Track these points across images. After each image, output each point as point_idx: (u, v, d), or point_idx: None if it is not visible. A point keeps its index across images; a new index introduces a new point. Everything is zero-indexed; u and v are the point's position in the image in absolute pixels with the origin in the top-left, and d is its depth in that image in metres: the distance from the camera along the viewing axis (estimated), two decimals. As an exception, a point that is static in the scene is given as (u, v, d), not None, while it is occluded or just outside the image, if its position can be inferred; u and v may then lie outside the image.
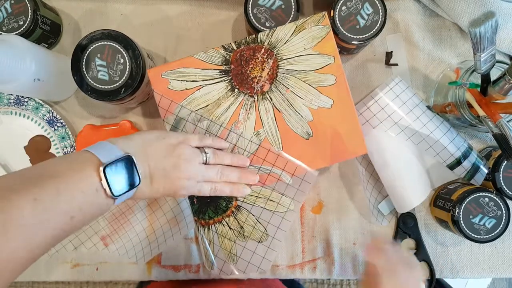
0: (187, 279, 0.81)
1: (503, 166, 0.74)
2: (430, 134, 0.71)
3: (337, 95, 0.65)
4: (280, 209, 0.71)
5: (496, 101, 0.68)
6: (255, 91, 0.66)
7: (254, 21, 0.71)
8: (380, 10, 0.70)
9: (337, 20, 0.70)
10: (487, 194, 0.72)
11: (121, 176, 0.55)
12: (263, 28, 0.70)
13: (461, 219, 0.72)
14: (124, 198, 0.57)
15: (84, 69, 0.68)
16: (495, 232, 0.72)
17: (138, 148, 0.59)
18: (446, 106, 0.75)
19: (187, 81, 0.66)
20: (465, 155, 0.72)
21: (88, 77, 0.68)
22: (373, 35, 0.70)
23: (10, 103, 0.78)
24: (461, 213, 0.72)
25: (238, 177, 0.67)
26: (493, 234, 0.72)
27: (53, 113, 0.78)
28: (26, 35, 0.73)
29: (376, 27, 0.70)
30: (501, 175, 0.74)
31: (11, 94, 0.78)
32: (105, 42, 0.68)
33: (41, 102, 0.78)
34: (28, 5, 0.72)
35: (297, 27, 0.65)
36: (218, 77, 0.66)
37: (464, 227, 0.72)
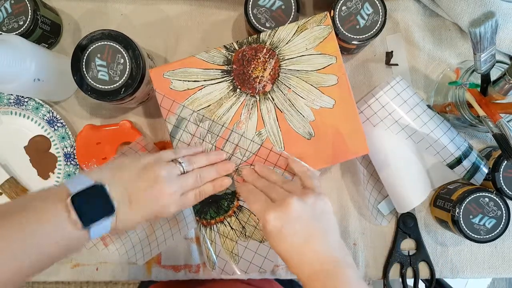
0: (187, 279, 0.81)
1: (503, 166, 0.74)
2: (431, 133, 0.71)
3: (339, 95, 0.66)
4: None
5: (496, 101, 0.69)
6: (257, 91, 0.66)
7: (254, 21, 0.71)
8: (380, 10, 0.70)
9: (337, 20, 0.70)
10: (487, 194, 0.72)
11: (92, 205, 0.53)
12: (263, 29, 0.70)
13: (461, 219, 0.72)
14: (102, 231, 0.54)
15: (84, 69, 0.68)
16: (495, 232, 0.72)
17: (111, 175, 0.57)
18: (446, 106, 0.75)
19: (189, 81, 0.66)
20: (466, 155, 0.72)
21: (88, 77, 0.68)
22: (373, 35, 0.71)
23: (10, 103, 0.78)
24: (461, 213, 0.72)
25: (217, 173, 0.65)
26: (493, 234, 0.72)
27: (53, 113, 0.78)
28: (26, 35, 0.73)
29: (376, 27, 0.70)
30: (501, 175, 0.74)
31: (11, 94, 0.78)
32: (105, 42, 0.68)
33: (41, 102, 0.78)
34: (28, 5, 0.72)
35: (299, 27, 0.65)
36: (220, 77, 0.66)
37: (464, 227, 0.72)
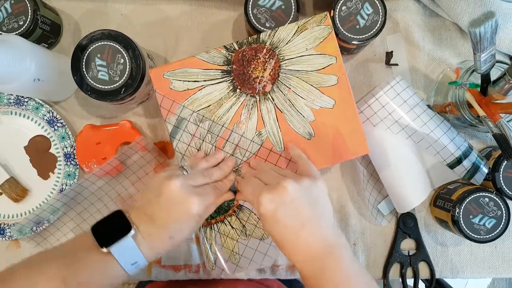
0: (187, 279, 0.81)
1: (503, 166, 0.74)
2: (431, 133, 0.71)
3: (339, 95, 0.65)
4: None
5: (496, 101, 0.69)
6: (257, 92, 0.66)
7: (254, 22, 0.70)
8: (380, 10, 0.70)
9: (337, 20, 0.70)
10: (487, 194, 0.72)
11: (111, 229, 0.54)
12: (263, 29, 0.70)
13: (461, 219, 0.72)
14: (129, 252, 0.54)
15: (84, 69, 0.68)
16: (495, 232, 0.72)
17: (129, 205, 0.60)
18: (446, 106, 0.75)
19: (189, 81, 0.66)
20: (466, 155, 0.72)
21: (88, 77, 0.68)
22: (373, 35, 0.70)
23: (10, 103, 0.78)
24: (461, 213, 0.72)
25: (222, 171, 0.65)
26: (493, 234, 0.72)
27: (53, 113, 0.78)
28: (26, 35, 0.72)
29: (376, 27, 0.70)
30: (501, 175, 0.74)
31: (11, 94, 0.78)
32: (105, 42, 0.68)
33: (41, 102, 0.78)
34: (28, 5, 0.72)
35: (299, 27, 0.65)
36: (220, 77, 0.66)
37: (464, 227, 0.72)
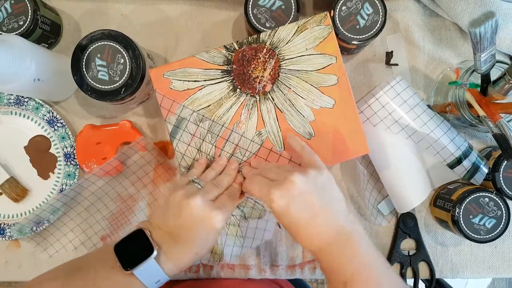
0: (187, 279, 0.81)
1: (503, 166, 0.74)
2: (431, 133, 0.71)
3: (339, 95, 0.65)
4: None
5: (496, 101, 0.69)
6: (257, 91, 0.66)
7: (254, 22, 0.71)
8: (380, 10, 0.70)
9: (337, 20, 0.70)
10: (487, 194, 0.72)
11: (134, 250, 0.56)
12: (263, 29, 0.70)
13: (461, 219, 0.72)
14: (152, 273, 0.56)
15: (84, 69, 0.68)
16: (495, 232, 0.72)
17: (150, 222, 0.60)
18: (446, 106, 0.75)
19: (189, 81, 0.66)
20: (466, 154, 0.72)
21: (88, 77, 0.68)
22: (373, 35, 0.70)
23: (10, 103, 0.78)
24: (461, 213, 0.72)
25: (229, 176, 0.65)
26: (493, 234, 0.72)
27: (53, 113, 0.78)
28: (26, 35, 0.72)
29: (376, 27, 0.70)
30: (501, 175, 0.74)
31: (11, 94, 0.78)
32: (105, 42, 0.68)
33: (41, 102, 0.78)
34: (28, 5, 0.72)
35: (299, 27, 0.65)
36: (220, 77, 0.66)
37: (464, 227, 0.72)
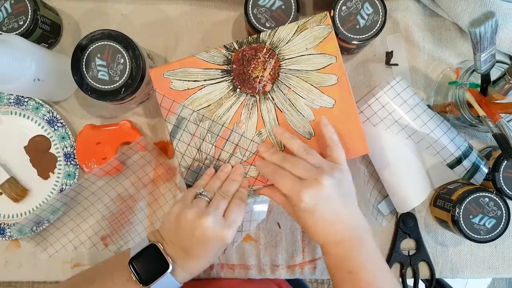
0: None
1: (503, 166, 0.74)
2: (431, 133, 0.71)
3: (339, 95, 0.65)
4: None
5: (496, 101, 0.69)
6: (257, 91, 0.66)
7: (254, 21, 0.71)
8: (380, 10, 0.70)
9: (337, 20, 0.70)
10: (487, 194, 0.72)
11: (150, 265, 0.58)
12: (263, 29, 0.70)
13: (461, 219, 0.72)
14: (163, 286, 0.59)
15: (84, 69, 0.68)
16: (495, 232, 0.72)
17: (162, 236, 0.62)
18: (446, 106, 0.75)
19: (189, 81, 0.66)
20: (466, 154, 0.72)
21: (88, 77, 0.68)
22: (373, 35, 0.70)
23: (10, 103, 0.78)
24: (461, 213, 0.72)
25: (236, 182, 0.65)
26: (493, 234, 0.72)
27: (53, 113, 0.78)
28: (26, 35, 0.73)
29: (376, 27, 0.70)
30: (501, 175, 0.74)
31: (11, 94, 0.78)
32: (105, 42, 0.68)
33: (41, 102, 0.78)
34: (28, 5, 0.72)
35: (299, 27, 0.65)
36: (220, 77, 0.66)
37: (464, 227, 0.72)
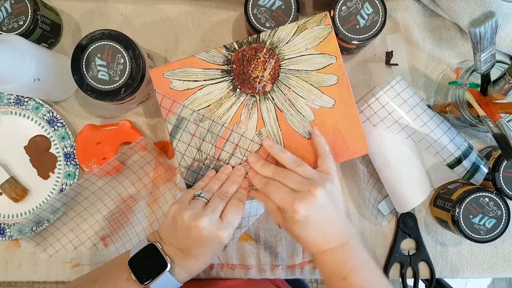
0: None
1: (503, 166, 0.74)
2: (431, 133, 0.71)
3: (339, 95, 0.65)
4: None
5: (496, 101, 0.69)
6: (257, 91, 0.66)
7: (254, 21, 0.71)
8: (380, 10, 0.70)
9: (337, 20, 0.70)
10: (487, 194, 0.72)
11: (148, 264, 0.59)
12: (263, 29, 0.70)
13: (461, 219, 0.72)
14: (168, 285, 0.60)
15: (84, 69, 0.68)
16: (495, 232, 0.72)
17: (161, 236, 0.62)
18: (446, 106, 0.75)
19: (189, 81, 0.66)
20: (465, 154, 0.72)
21: (88, 77, 0.68)
22: (373, 35, 0.70)
23: (10, 103, 0.78)
24: (461, 213, 0.72)
25: (235, 183, 0.65)
26: (493, 234, 0.72)
27: (53, 113, 0.78)
28: (26, 35, 0.73)
29: (376, 27, 0.70)
30: (501, 175, 0.74)
31: (11, 94, 0.78)
32: (105, 42, 0.68)
33: (41, 102, 0.78)
34: (28, 5, 0.72)
35: (299, 27, 0.65)
36: (220, 77, 0.66)
37: (464, 227, 0.72)
